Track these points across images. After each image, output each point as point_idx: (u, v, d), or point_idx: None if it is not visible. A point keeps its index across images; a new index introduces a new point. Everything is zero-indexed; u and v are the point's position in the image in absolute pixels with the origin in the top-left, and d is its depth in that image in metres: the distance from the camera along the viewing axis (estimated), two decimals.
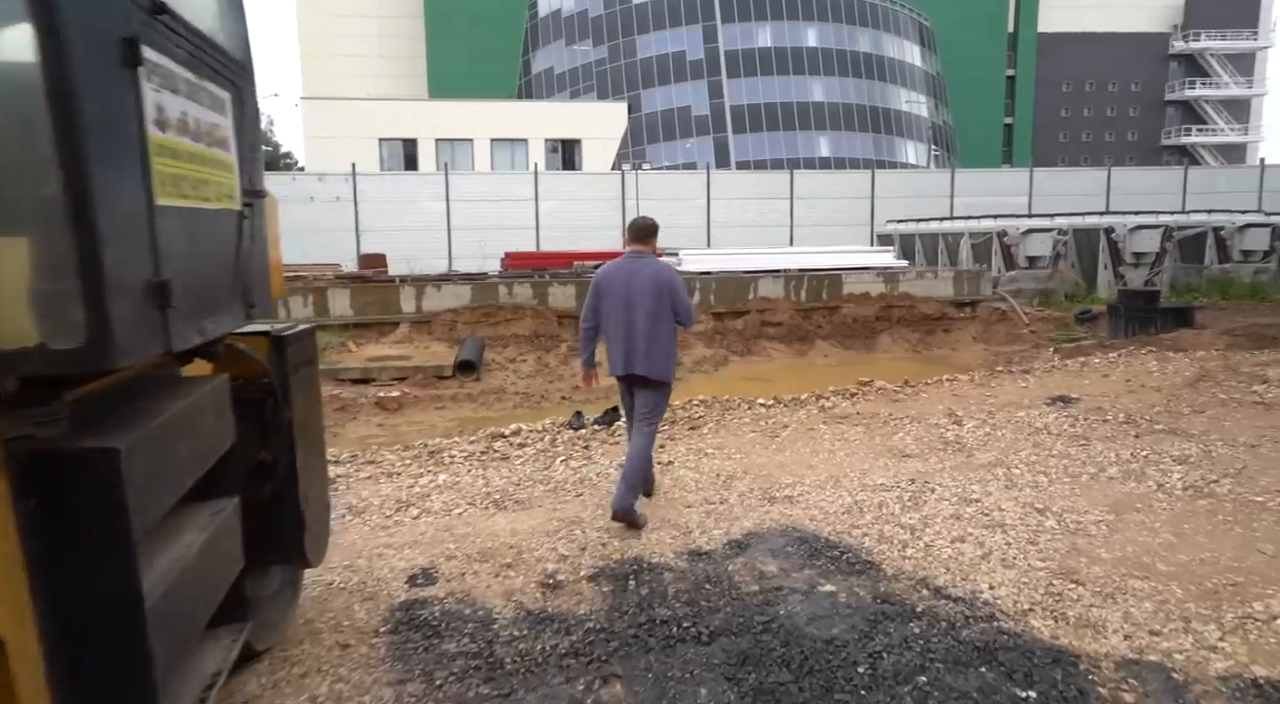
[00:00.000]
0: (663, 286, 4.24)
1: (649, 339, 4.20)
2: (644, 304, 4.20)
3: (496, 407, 11.73)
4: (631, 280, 4.24)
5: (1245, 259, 20.34)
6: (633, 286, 4.22)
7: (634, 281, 4.23)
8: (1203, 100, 58.24)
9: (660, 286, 4.23)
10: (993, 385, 6.74)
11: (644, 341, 4.20)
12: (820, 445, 5.35)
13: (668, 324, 4.27)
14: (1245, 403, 5.69)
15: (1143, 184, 28.47)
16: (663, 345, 4.25)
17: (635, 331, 4.20)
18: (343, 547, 3.81)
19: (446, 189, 24.65)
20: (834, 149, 42.07)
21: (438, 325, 14.75)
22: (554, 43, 45.61)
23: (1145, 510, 3.91)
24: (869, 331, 16.18)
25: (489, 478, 4.98)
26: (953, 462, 4.81)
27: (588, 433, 6.07)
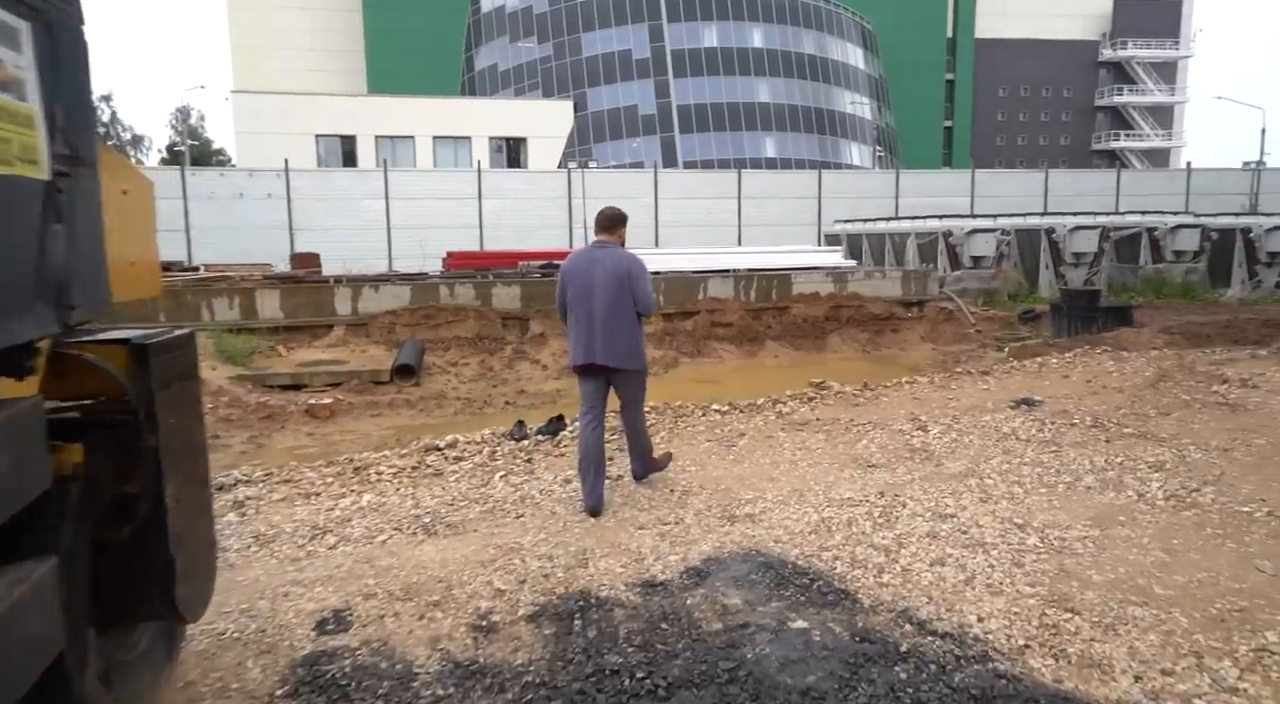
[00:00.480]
0: (622, 276, 4.25)
1: (609, 328, 4.22)
2: (604, 293, 4.22)
3: (436, 413, 11.17)
4: (593, 270, 4.27)
5: (1177, 259, 20.89)
6: (594, 276, 4.25)
7: (595, 271, 4.26)
8: (1130, 106, 60.37)
9: (620, 276, 4.24)
10: (953, 388, 6.50)
11: (603, 331, 4.22)
12: (780, 455, 4.99)
13: (629, 313, 4.28)
14: (1209, 404, 5.54)
15: (1078, 186, 29.22)
16: (624, 334, 4.27)
17: (595, 321, 4.23)
18: (242, 585, 3.30)
19: (386, 187, 23.83)
20: (780, 150, 42.26)
21: (375, 328, 14.10)
22: (498, 39, 44.80)
23: (1130, 524, 3.65)
24: (819, 332, 16.05)
25: (419, 498, 4.49)
26: (922, 472, 4.50)
27: (530, 444, 5.61)
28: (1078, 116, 60.25)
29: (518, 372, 13.71)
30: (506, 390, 12.56)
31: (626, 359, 4.32)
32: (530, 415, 10.86)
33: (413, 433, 10.10)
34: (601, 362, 4.27)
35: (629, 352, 4.32)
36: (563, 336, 14.45)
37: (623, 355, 4.29)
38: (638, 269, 4.36)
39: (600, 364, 4.29)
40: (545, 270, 16.84)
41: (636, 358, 4.38)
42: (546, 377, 13.56)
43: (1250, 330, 15.01)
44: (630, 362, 4.35)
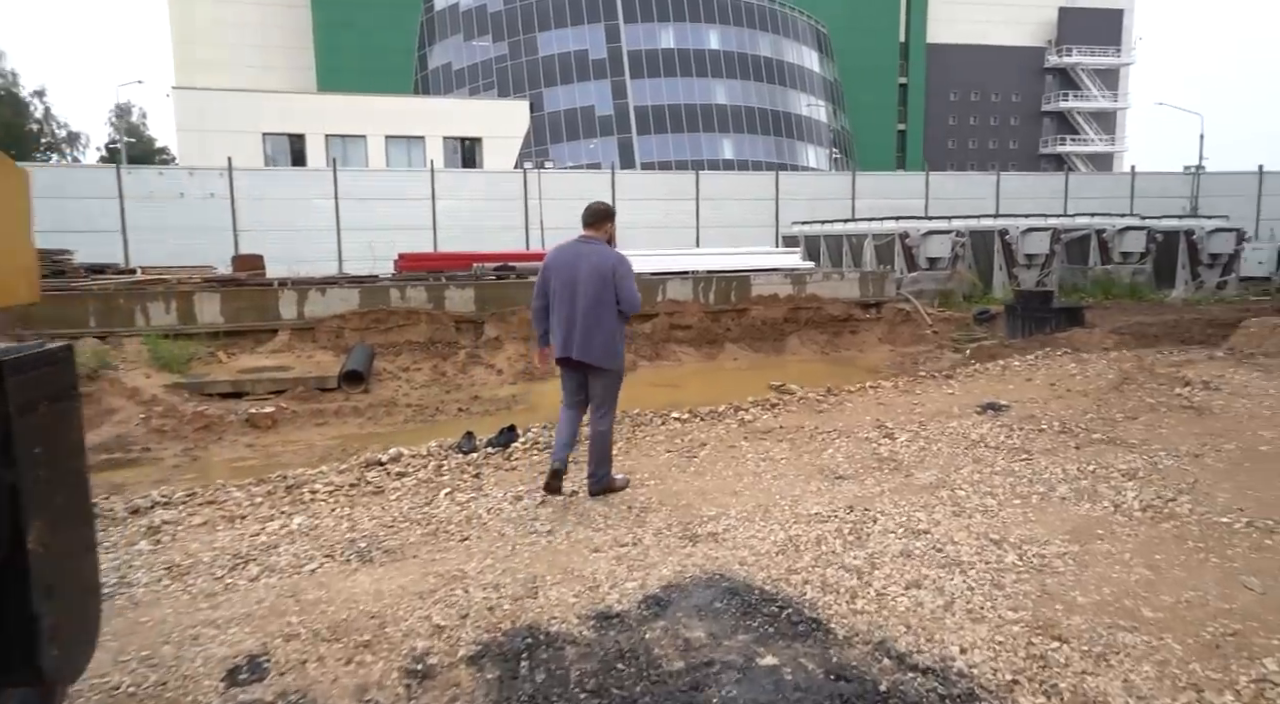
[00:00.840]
0: (607, 273, 4.23)
1: (589, 325, 4.21)
2: (587, 290, 4.21)
3: (385, 421, 10.74)
4: (578, 265, 4.26)
5: (1125, 260, 21.31)
6: (578, 272, 4.24)
7: (580, 266, 4.24)
8: (1075, 112, 61.98)
9: (604, 273, 4.22)
10: (918, 392, 6.34)
11: (583, 327, 4.21)
12: (744, 467, 4.75)
13: (610, 312, 4.26)
14: (1174, 407, 5.46)
15: (1028, 189, 29.70)
16: (603, 332, 4.25)
17: (576, 317, 4.22)
18: (146, 627, 2.93)
19: (335, 187, 23.12)
20: (737, 151, 42.33)
21: (322, 332, 13.57)
22: (452, 37, 44.09)
23: (1109, 537, 3.48)
24: (778, 334, 15.95)
25: (356, 519, 4.14)
26: (891, 483, 4.30)
27: (479, 457, 5.29)
28: (1026, 121, 61.64)
29: (472, 377, 13.32)
30: (460, 396, 12.17)
31: (603, 357, 4.29)
32: (484, 423, 10.52)
33: (360, 442, 9.68)
34: (578, 358, 4.27)
35: (606, 350, 4.29)
36: (519, 340, 14.10)
37: (599, 353, 4.27)
38: (623, 267, 4.33)
39: (575, 360, 4.29)
40: (500, 272, 16.46)
41: (613, 357, 4.35)
42: (502, 382, 13.19)
43: (1195, 330, 15.32)
44: (606, 361, 4.31)
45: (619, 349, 4.38)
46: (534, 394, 12.23)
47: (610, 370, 4.38)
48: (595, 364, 4.30)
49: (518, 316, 14.31)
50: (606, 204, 4.54)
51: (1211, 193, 30.58)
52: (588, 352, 4.25)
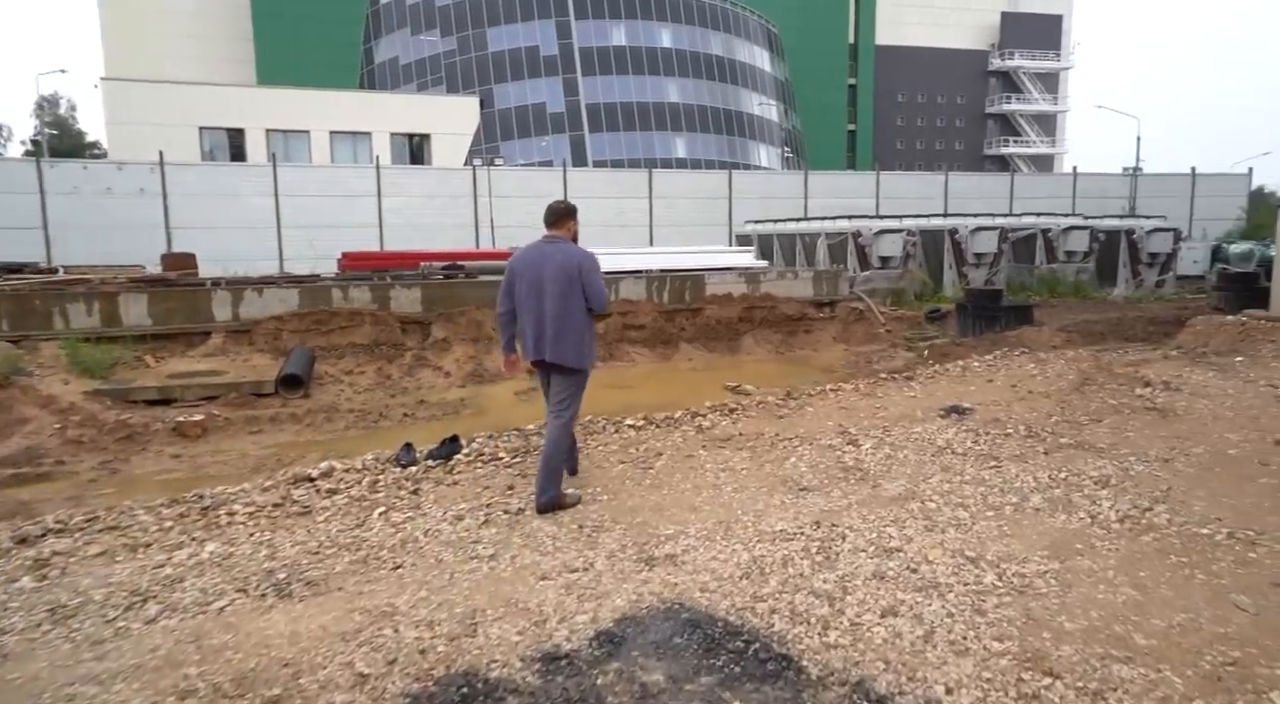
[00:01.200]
0: (573, 272, 4.19)
1: (559, 326, 4.17)
2: (553, 289, 4.17)
3: (326, 428, 10.23)
4: (543, 265, 4.21)
5: (1069, 259, 21.69)
6: (544, 271, 4.19)
7: (545, 267, 4.20)
8: (1017, 114, 63.48)
9: (570, 272, 4.18)
10: (879, 395, 6.15)
11: (553, 327, 4.17)
12: (703, 479, 4.47)
13: (578, 310, 4.23)
14: (1137, 409, 5.35)
15: (975, 188, 30.16)
16: (573, 332, 4.21)
17: (544, 317, 4.18)
18: (13, 687, 2.51)
19: (275, 182, 22.25)
20: (689, 150, 42.23)
21: (259, 335, 12.95)
22: (398, 31, 43.08)
23: (1089, 553, 3.28)
24: (732, 333, 15.77)
25: (277, 545, 3.74)
26: (858, 494, 4.06)
27: (419, 471, 4.90)
28: (970, 123, 62.93)
29: (418, 380, 12.83)
30: (406, 401, 11.69)
31: (574, 357, 4.24)
32: (430, 429, 10.06)
33: (298, 450, 9.18)
34: (550, 359, 4.22)
35: (577, 350, 4.24)
36: (467, 342, 13.64)
37: (570, 354, 4.22)
38: (589, 264, 4.28)
39: (548, 361, 4.24)
40: (449, 272, 15.95)
41: (583, 357, 4.29)
42: (450, 385, 12.74)
43: (1138, 328, 15.64)
44: (576, 360, 4.26)
45: (590, 349, 4.32)
46: (483, 397, 11.82)
47: (578, 371, 4.32)
48: (568, 364, 4.24)
49: (466, 317, 13.86)
50: (568, 202, 4.46)
51: (1148, 194, 31.49)
52: (560, 353, 4.19)
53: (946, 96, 61.73)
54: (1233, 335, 8.81)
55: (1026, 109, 63.25)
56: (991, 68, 62.74)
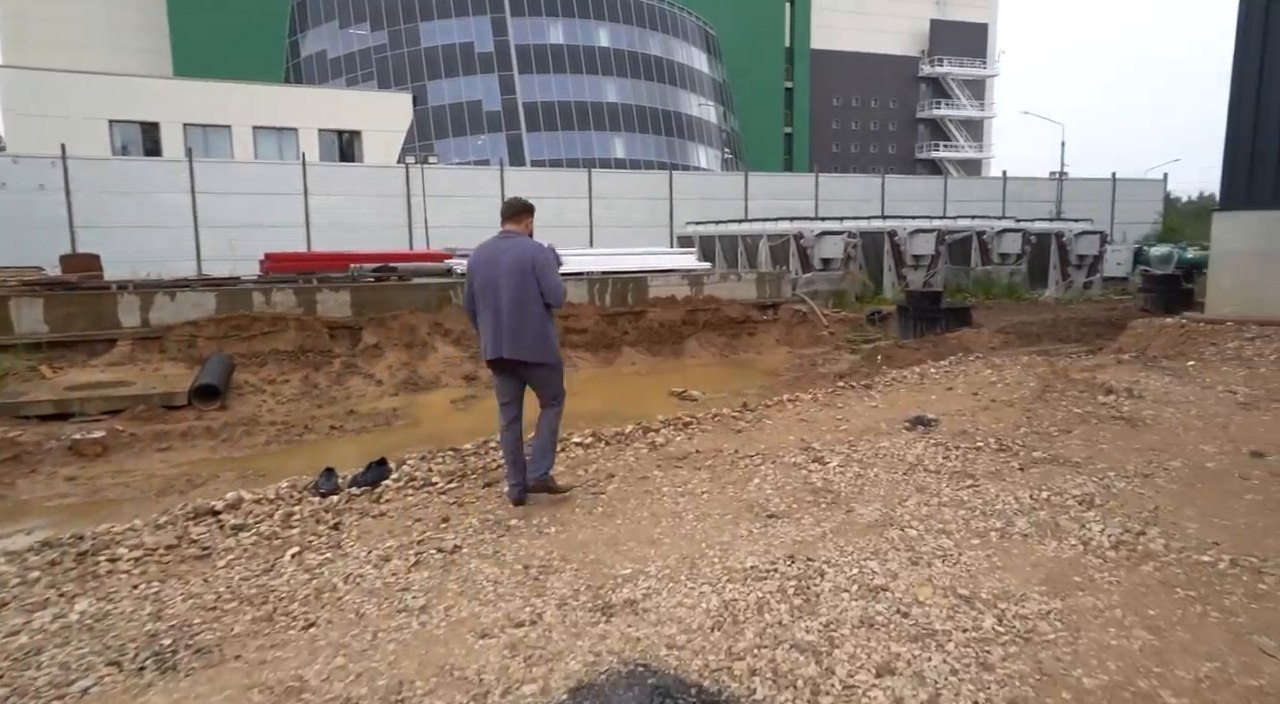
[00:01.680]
0: (527, 266, 4.12)
1: (515, 321, 4.10)
2: (509, 285, 4.10)
3: (244, 443, 9.48)
4: (498, 260, 4.16)
5: (1003, 261, 22.08)
6: (499, 267, 4.14)
7: (500, 262, 4.15)
8: (947, 119, 65.20)
9: (525, 266, 4.12)
10: (839, 405, 5.85)
11: (510, 324, 4.10)
12: (660, 505, 4.05)
13: (535, 304, 4.15)
14: (1105, 418, 5.16)
15: (910, 191, 30.61)
16: (532, 327, 4.13)
17: (502, 314, 4.12)
18: None
19: (191, 179, 20.99)
20: (628, 150, 41.90)
21: (172, 342, 12.06)
22: (326, 24, 41.53)
23: (1090, 587, 2.99)
24: (676, 337, 15.46)
25: (165, 600, 3.17)
26: (831, 521, 3.70)
27: (341, 500, 4.36)
28: (903, 127, 64.33)
29: (348, 388, 12.11)
30: (334, 411, 10.99)
31: (535, 351, 4.15)
32: (361, 443, 9.41)
33: (212, 469, 8.45)
34: (510, 356, 4.13)
35: (537, 344, 4.15)
36: (400, 347, 12.97)
37: (530, 348, 4.13)
38: (543, 258, 4.19)
39: (510, 358, 4.14)
40: (381, 274, 15.21)
41: (546, 351, 4.19)
42: (382, 393, 12.06)
43: (1071, 329, 15.92)
44: (539, 354, 4.17)
45: (553, 342, 4.22)
46: (417, 406, 11.20)
47: (546, 364, 4.23)
48: (530, 360, 4.15)
49: (399, 322, 13.19)
50: (524, 198, 4.46)
51: (1071, 197, 32.51)
52: (519, 348, 4.10)
53: (880, 101, 62.98)
54: (1173, 337, 8.85)
55: (955, 115, 65.01)
56: (922, 74, 64.28)
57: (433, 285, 13.98)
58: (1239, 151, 9.26)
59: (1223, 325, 8.65)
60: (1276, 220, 8.96)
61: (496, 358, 4.18)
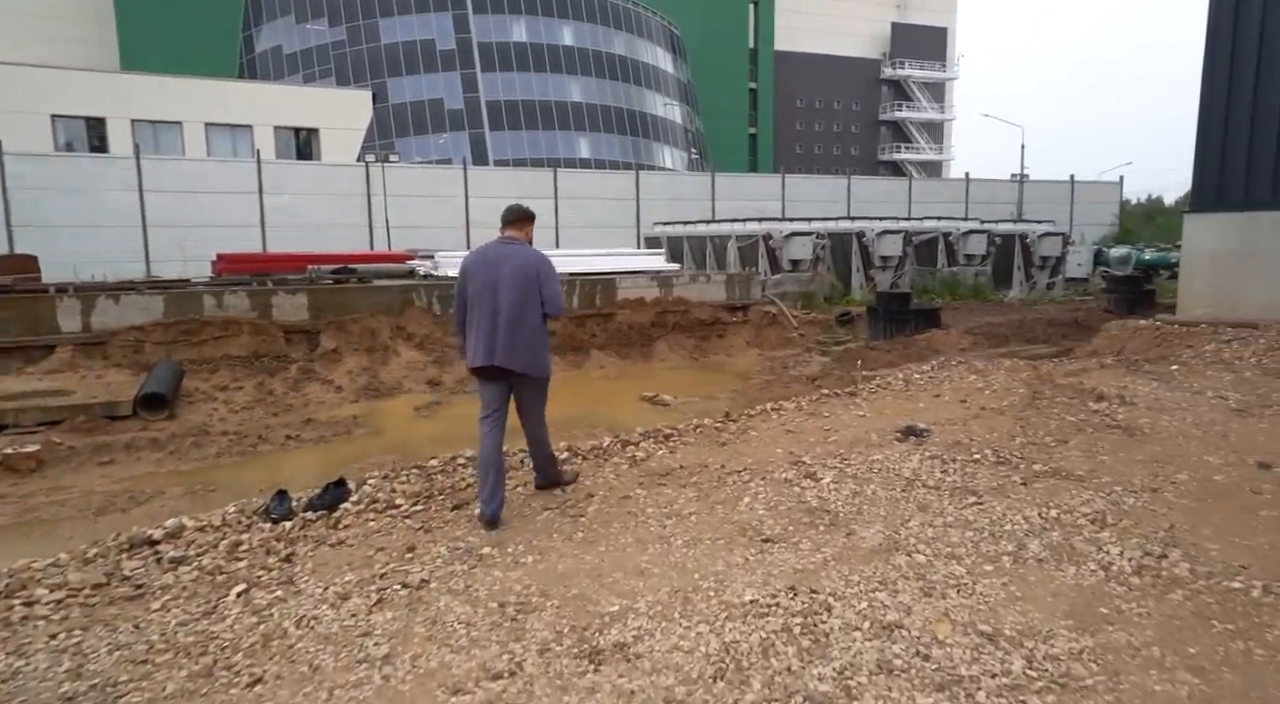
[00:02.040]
0: (531, 275, 4.05)
1: (513, 329, 4.00)
2: (510, 292, 4.01)
3: (193, 456, 8.95)
4: (500, 266, 4.06)
5: (969, 262, 22.21)
6: (500, 273, 4.04)
7: (502, 268, 4.05)
8: (908, 122, 65.95)
9: (529, 275, 4.05)
10: (825, 414, 5.60)
11: (507, 331, 3.99)
12: (646, 530, 3.74)
13: (535, 315, 4.09)
14: (1100, 427, 4.98)
15: (875, 192, 30.78)
16: (528, 337, 4.05)
17: (499, 320, 4.01)
18: None
19: (139, 176, 20.18)
20: (594, 150, 41.53)
21: (116, 348, 11.47)
22: (281, 18, 40.48)
23: (1120, 620, 2.75)
24: (645, 339, 15.19)
25: (88, 651, 2.78)
26: (832, 546, 3.43)
27: (294, 526, 3.97)
28: (865, 129, 64.90)
29: (305, 395, 11.61)
30: (290, 420, 10.49)
31: (529, 364, 4.07)
32: (319, 453, 8.94)
33: (157, 484, 7.94)
34: (501, 364, 4.01)
35: (531, 356, 4.07)
36: (360, 352, 12.47)
37: (524, 360, 4.04)
38: (547, 268, 4.13)
39: (501, 367, 4.02)
40: (339, 275, 14.68)
41: (539, 364, 4.13)
42: (342, 400, 11.58)
43: (1038, 329, 16.01)
44: (532, 367, 4.09)
45: (545, 354, 4.17)
46: (379, 414, 10.74)
47: (539, 377, 4.16)
48: (521, 371, 4.05)
49: (359, 326, 12.71)
50: (527, 206, 4.38)
51: (1032, 199, 32.98)
52: (512, 358, 3.99)
53: (842, 103, 63.46)
54: (1148, 340, 8.81)
55: (916, 117, 65.79)
56: (884, 76, 64.93)
57: (394, 287, 13.51)
58: (1210, 153, 9.27)
59: (1197, 327, 8.63)
60: (1248, 221, 8.98)
61: (487, 365, 4.01)
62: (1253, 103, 8.85)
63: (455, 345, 4.39)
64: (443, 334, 13.37)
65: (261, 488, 7.72)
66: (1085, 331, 15.83)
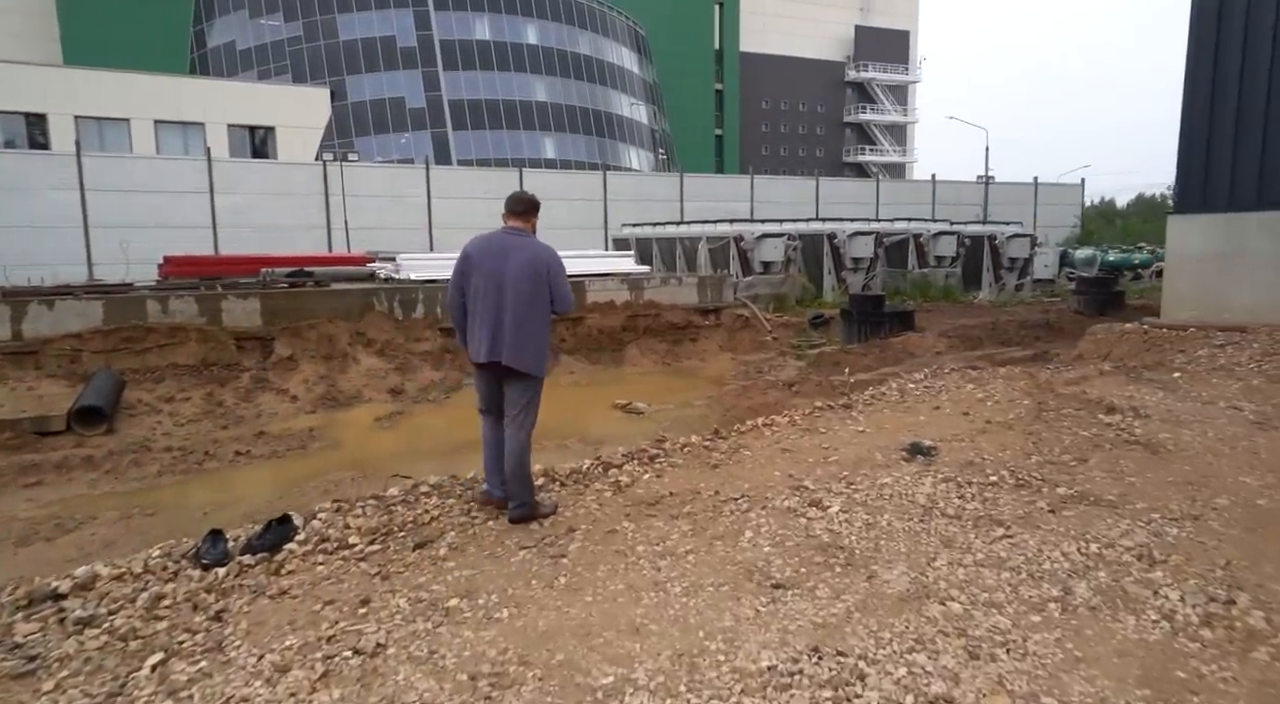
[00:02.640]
0: (541, 270, 3.91)
1: (519, 326, 3.85)
2: (519, 287, 3.85)
3: (131, 475, 8.29)
4: (507, 258, 3.89)
5: (939, 264, 22.11)
6: (508, 265, 3.87)
7: (510, 260, 3.88)
8: (872, 124, 66.39)
9: (539, 270, 3.90)
10: (821, 430, 5.17)
11: (513, 328, 3.84)
12: (639, 573, 3.26)
13: (543, 312, 3.95)
14: (1118, 443, 4.63)
15: (843, 194, 30.67)
16: (534, 334, 3.91)
17: (504, 316, 3.85)
18: None
19: (80, 174, 19.15)
20: (559, 151, 40.93)
21: (49, 357, 10.73)
22: (235, 13, 39.23)
23: (1205, 690, 2.35)
24: (616, 344, 14.74)
25: None
26: (853, 592, 2.99)
27: (229, 574, 3.42)
28: (830, 131, 65.17)
29: (258, 406, 10.94)
30: (241, 432, 9.84)
31: (533, 363, 3.92)
32: (271, 470, 8.30)
33: (90, 508, 7.26)
34: (507, 362, 3.85)
35: (536, 355, 3.92)
36: (317, 359, 11.81)
37: (529, 359, 3.89)
38: (557, 264, 3.99)
39: (506, 364, 3.85)
40: (295, 278, 13.99)
41: (539, 364, 3.97)
42: (297, 410, 10.94)
43: (1011, 331, 15.86)
44: (534, 366, 3.94)
45: (546, 353, 4.01)
46: (337, 425, 10.12)
47: (535, 376, 3.99)
48: (523, 370, 3.90)
49: (316, 331, 12.06)
50: (533, 195, 4.15)
51: (997, 201, 33.17)
52: (519, 357, 3.83)
53: (808, 105, 63.63)
54: (1137, 344, 8.57)
55: (880, 119, 66.25)
56: (848, 79, 65.27)
57: (354, 291, 12.88)
58: (1194, 153, 9.09)
59: (1185, 331, 8.42)
60: (1233, 222, 8.81)
61: (492, 362, 3.84)
62: (1237, 103, 8.68)
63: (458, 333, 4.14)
64: (405, 340, 12.75)
65: (205, 510, 7.10)
66: (1058, 333, 15.73)
